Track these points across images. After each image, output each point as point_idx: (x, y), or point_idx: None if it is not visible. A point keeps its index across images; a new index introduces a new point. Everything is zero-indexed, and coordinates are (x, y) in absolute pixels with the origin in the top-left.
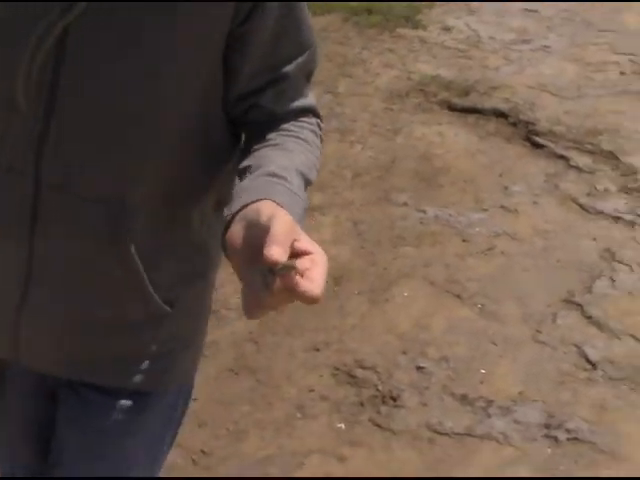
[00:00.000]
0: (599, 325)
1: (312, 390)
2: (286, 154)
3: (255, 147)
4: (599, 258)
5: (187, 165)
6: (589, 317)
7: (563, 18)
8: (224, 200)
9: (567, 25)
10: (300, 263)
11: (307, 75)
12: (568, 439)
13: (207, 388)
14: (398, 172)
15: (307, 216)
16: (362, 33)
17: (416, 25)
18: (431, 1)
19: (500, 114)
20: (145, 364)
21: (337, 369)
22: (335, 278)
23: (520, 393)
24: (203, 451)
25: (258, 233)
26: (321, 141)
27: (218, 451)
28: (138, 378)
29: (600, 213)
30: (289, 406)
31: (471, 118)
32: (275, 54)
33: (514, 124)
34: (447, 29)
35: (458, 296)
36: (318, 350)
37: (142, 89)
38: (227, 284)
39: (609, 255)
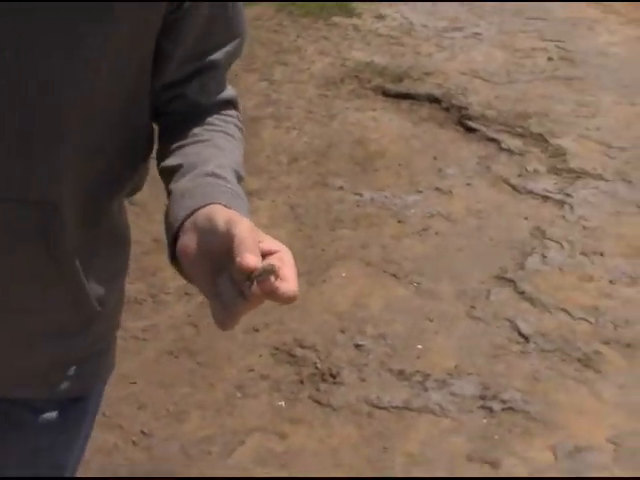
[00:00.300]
0: (531, 300)
1: (252, 370)
2: (219, 152)
3: (182, 143)
4: (530, 236)
5: (112, 156)
6: (521, 292)
7: (493, 6)
8: (137, 188)
9: (497, 13)
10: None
11: (230, 66)
12: (503, 409)
13: (146, 371)
14: (334, 157)
15: None
16: (296, 21)
17: (350, 13)
18: None
19: (433, 99)
20: (72, 370)
21: (276, 349)
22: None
23: (456, 367)
24: (143, 432)
25: (215, 240)
26: (242, 134)
27: (159, 432)
28: (65, 385)
29: (530, 193)
30: (229, 386)
31: (405, 103)
32: (207, 39)
33: (447, 109)
34: (380, 17)
35: (394, 275)
36: (257, 331)
37: (72, 81)
38: (165, 268)
39: (540, 233)
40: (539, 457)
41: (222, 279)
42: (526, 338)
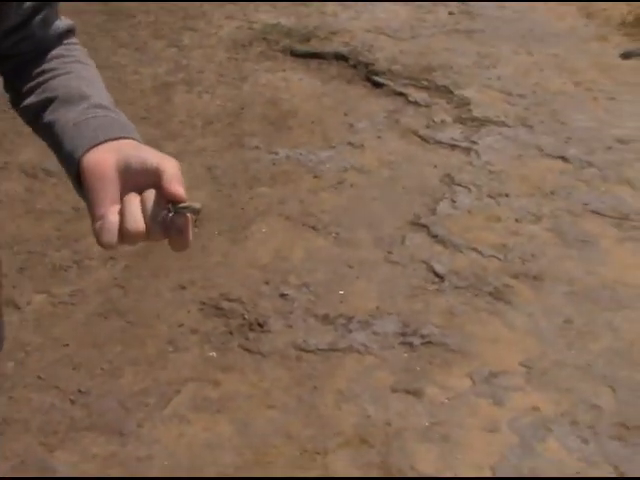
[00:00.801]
0: (444, 242)
1: (182, 325)
2: (86, 82)
3: (41, 80)
4: (440, 183)
5: None
6: (434, 236)
7: None
8: None
9: None
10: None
11: None
12: (422, 343)
13: (78, 333)
14: (248, 118)
15: None
16: None
17: None
18: None
19: (341, 57)
20: None
21: (204, 304)
22: (194, 221)
23: (377, 308)
24: (80, 391)
25: (142, 170)
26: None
27: (95, 389)
28: None
29: (439, 142)
30: (161, 342)
31: (313, 63)
32: None
33: (354, 66)
34: None
35: (313, 227)
36: (184, 288)
37: None
38: (89, 235)
39: (449, 179)
40: (458, 384)
41: (131, 203)
42: (441, 277)
